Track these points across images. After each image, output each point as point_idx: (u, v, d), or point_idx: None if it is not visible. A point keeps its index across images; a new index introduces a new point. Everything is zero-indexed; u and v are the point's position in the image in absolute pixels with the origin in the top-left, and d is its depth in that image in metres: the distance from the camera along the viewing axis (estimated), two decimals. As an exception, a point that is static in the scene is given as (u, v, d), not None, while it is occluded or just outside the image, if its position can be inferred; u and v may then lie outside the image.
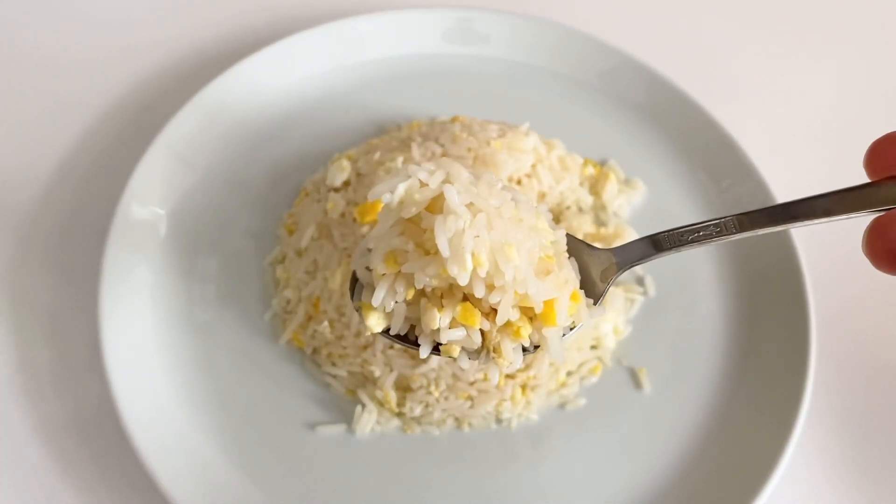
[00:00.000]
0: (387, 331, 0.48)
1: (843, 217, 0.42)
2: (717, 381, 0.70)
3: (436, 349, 0.47)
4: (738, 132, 0.80)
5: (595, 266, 0.51)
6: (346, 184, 0.72)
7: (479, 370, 0.64)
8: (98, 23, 0.89)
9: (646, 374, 0.71)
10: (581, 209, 0.77)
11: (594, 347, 0.71)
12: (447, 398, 0.65)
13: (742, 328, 0.73)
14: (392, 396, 0.66)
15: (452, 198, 0.43)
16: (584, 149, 0.81)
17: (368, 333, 0.57)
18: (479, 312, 0.46)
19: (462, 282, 0.43)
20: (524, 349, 0.48)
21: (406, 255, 0.45)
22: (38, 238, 0.75)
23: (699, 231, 0.47)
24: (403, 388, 0.66)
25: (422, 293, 0.46)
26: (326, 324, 0.67)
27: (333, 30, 0.82)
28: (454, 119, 0.78)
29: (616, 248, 0.51)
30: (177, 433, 0.63)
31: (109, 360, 0.63)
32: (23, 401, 0.67)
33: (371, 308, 0.47)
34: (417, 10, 0.85)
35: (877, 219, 0.40)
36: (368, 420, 0.66)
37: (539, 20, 0.85)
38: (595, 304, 0.50)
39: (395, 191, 0.46)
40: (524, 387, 0.67)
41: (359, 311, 0.48)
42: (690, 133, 0.82)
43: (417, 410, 0.66)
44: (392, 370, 0.65)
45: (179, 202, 0.73)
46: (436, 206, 0.45)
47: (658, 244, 0.49)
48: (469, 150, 0.69)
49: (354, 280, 0.50)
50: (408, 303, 0.47)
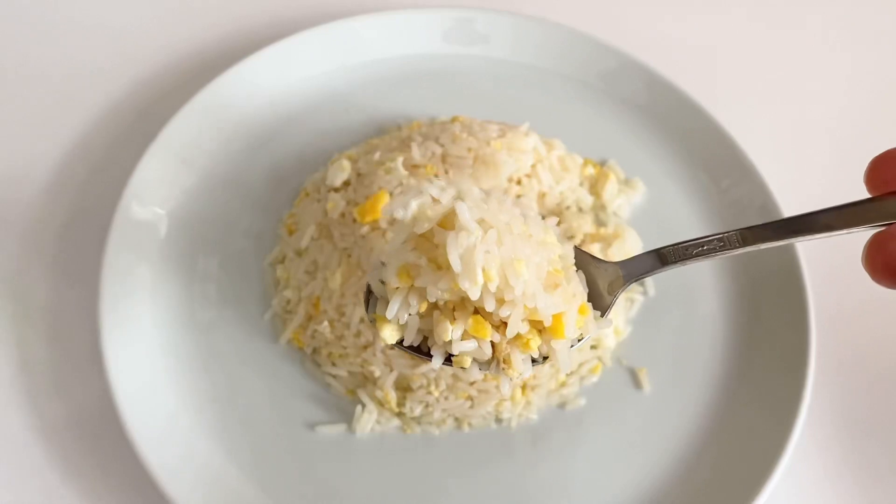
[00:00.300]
0: (400, 342, 0.50)
1: (844, 232, 0.43)
2: (717, 381, 0.71)
3: (448, 360, 0.49)
4: (738, 132, 0.80)
5: (602, 279, 0.52)
6: (346, 184, 0.72)
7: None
8: (98, 23, 0.89)
9: (646, 374, 0.71)
10: (581, 209, 0.77)
11: (594, 347, 0.71)
12: (447, 398, 0.65)
13: (742, 328, 0.73)
14: (392, 396, 0.66)
15: (464, 214, 0.45)
16: (584, 149, 0.81)
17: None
18: (490, 325, 0.47)
19: (473, 296, 0.45)
20: (533, 360, 0.49)
21: (419, 270, 0.47)
22: (38, 238, 0.75)
23: (703, 245, 0.49)
24: (403, 388, 0.67)
25: (434, 306, 0.48)
26: (326, 324, 0.67)
27: (333, 30, 0.82)
28: (454, 119, 0.78)
29: (623, 262, 0.52)
30: (177, 433, 0.63)
31: (109, 360, 0.63)
32: (23, 401, 0.67)
33: (385, 320, 0.48)
34: (418, 10, 0.85)
35: (876, 234, 0.40)
36: (368, 420, 0.66)
37: (539, 20, 0.85)
38: (602, 316, 0.51)
39: (409, 207, 0.48)
40: (524, 387, 0.67)
41: (373, 323, 0.50)
42: (690, 133, 0.82)
43: (417, 410, 0.66)
44: (392, 370, 0.65)
45: (179, 202, 0.73)
46: (448, 222, 0.46)
47: (664, 258, 0.51)
48: (469, 150, 0.69)
49: (369, 293, 0.51)
50: (421, 315, 0.48)
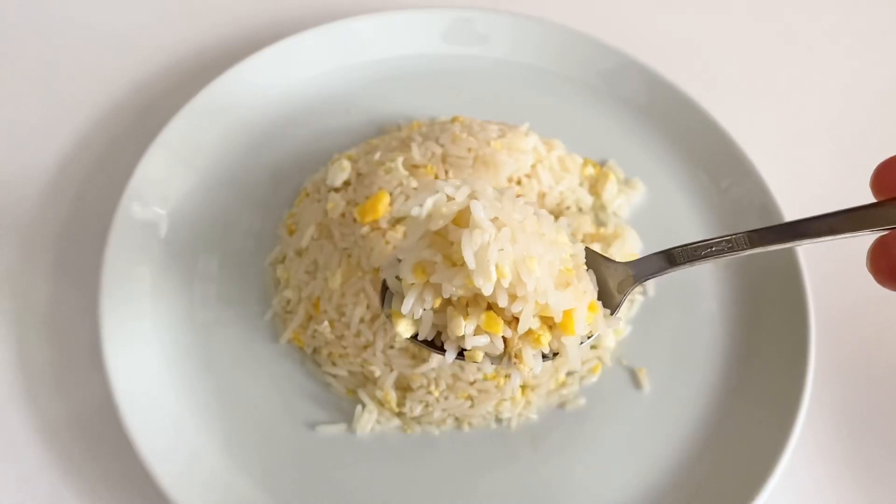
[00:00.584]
0: (415, 336, 0.51)
1: (849, 235, 0.44)
2: (717, 381, 0.71)
3: (460, 354, 0.50)
4: (738, 132, 0.80)
5: (612, 278, 0.53)
6: (347, 184, 0.72)
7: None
8: (98, 23, 0.89)
9: (645, 374, 0.71)
10: (581, 209, 0.77)
11: (594, 347, 0.71)
12: (447, 398, 0.66)
13: (742, 328, 0.73)
14: (392, 396, 0.66)
15: (479, 213, 0.46)
16: (584, 149, 0.81)
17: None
18: (502, 321, 0.48)
19: (486, 292, 0.46)
20: (544, 356, 0.50)
21: (434, 267, 0.48)
22: (38, 238, 0.75)
23: (712, 247, 0.50)
24: (403, 388, 0.67)
25: (448, 302, 0.49)
26: (326, 324, 0.67)
27: (333, 30, 0.82)
28: (454, 119, 0.78)
29: (632, 262, 0.53)
30: (177, 433, 0.63)
31: (109, 360, 0.63)
32: (23, 401, 0.67)
33: (400, 315, 0.50)
34: (418, 11, 0.85)
35: (880, 237, 0.41)
36: (368, 420, 0.66)
37: (539, 20, 0.85)
38: (612, 314, 0.52)
39: (424, 204, 0.48)
40: (524, 386, 0.67)
41: (389, 318, 0.51)
42: (690, 133, 0.82)
43: (417, 410, 0.66)
44: (392, 370, 0.66)
45: (179, 202, 0.73)
46: (462, 220, 0.47)
47: (673, 258, 0.52)
48: (469, 151, 0.69)
49: (385, 289, 0.52)
50: (435, 311, 0.49)
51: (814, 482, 0.70)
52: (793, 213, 0.69)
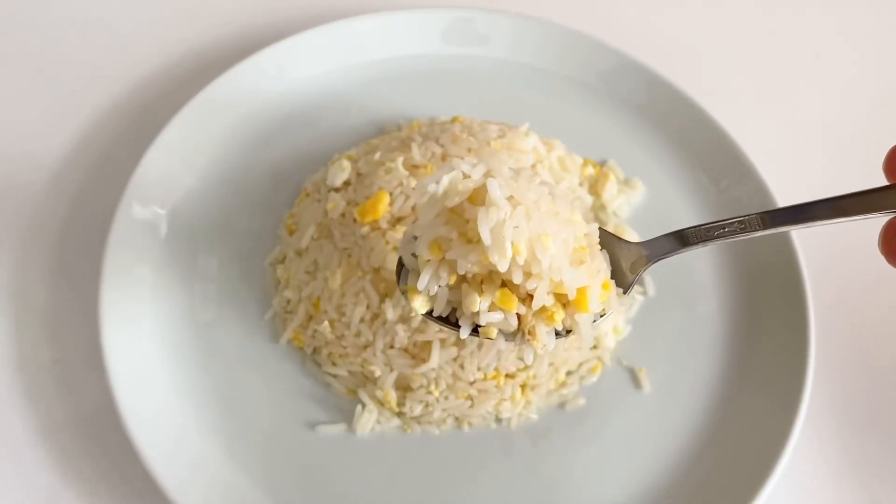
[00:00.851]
0: (430, 313, 0.52)
1: (860, 217, 0.44)
2: (717, 381, 0.71)
3: (475, 331, 0.51)
4: (738, 132, 0.80)
5: (625, 258, 0.54)
6: (347, 184, 0.72)
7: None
8: (98, 23, 0.89)
9: (645, 374, 0.71)
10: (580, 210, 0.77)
11: (594, 347, 0.71)
12: (447, 398, 0.66)
13: (742, 328, 0.73)
14: (392, 396, 0.66)
15: (495, 191, 0.46)
16: (584, 149, 0.81)
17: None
18: (517, 298, 0.49)
19: (502, 269, 0.46)
20: (557, 333, 0.51)
21: (450, 243, 0.48)
22: (38, 238, 0.75)
23: (724, 227, 0.50)
24: (403, 388, 0.67)
25: (463, 279, 0.50)
26: (327, 324, 0.67)
27: (333, 30, 0.82)
28: (454, 119, 0.78)
29: (645, 242, 0.54)
30: (177, 433, 0.63)
31: (109, 360, 0.63)
32: (23, 401, 0.67)
33: (416, 291, 0.51)
34: (417, 11, 0.85)
35: (892, 219, 0.42)
36: (368, 420, 0.66)
37: (539, 21, 0.85)
38: (625, 294, 0.53)
39: (441, 182, 0.49)
40: (524, 386, 0.67)
41: (405, 294, 0.52)
42: (690, 133, 0.82)
43: (417, 410, 0.66)
44: (392, 370, 0.66)
45: (180, 202, 0.73)
46: (478, 198, 0.48)
47: (685, 239, 0.52)
48: (469, 151, 0.69)
49: (401, 266, 0.53)
50: (450, 287, 0.50)
51: (814, 481, 0.70)
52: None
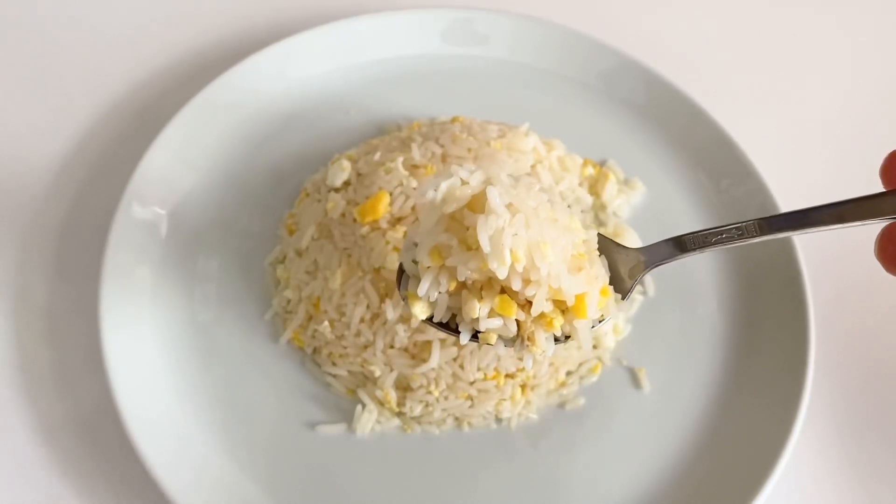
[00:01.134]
0: (430, 318, 0.52)
1: (858, 224, 0.44)
2: (717, 381, 0.71)
3: (475, 337, 0.51)
4: (738, 132, 0.80)
5: (623, 264, 0.54)
6: (347, 184, 0.72)
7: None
8: (98, 23, 0.89)
9: (645, 374, 0.71)
10: (581, 209, 0.77)
11: (594, 347, 0.71)
12: (447, 398, 0.66)
13: (741, 328, 0.73)
14: (392, 396, 0.66)
15: (494, 198, 0.47)
16: (584, 149, 0.81)
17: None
18: (516, 304, 0.49)
19: (501, 276, 0.47)
20: (556, 339, 0.51)
21: (450, 250, 0.49)
22: (38, 238, 0.75)
23: (723, 234, 0.50)
24: (403, 388, 0.67)
25: (463, 285, 0.50)
26: (327, 324, 0.67)
27: (333, 30, 0.82)
28: (454, 119, 0.78)
29: (643, 248, 0.54)
30: (177, 433, 0.63)
31: (109, 360, 0.63)
32: (23, 401, 0.67)
33: (416, 297, 0.51)
34: (417, 11, 0.85)
35: (889, 225, 0.42)
36: (368, 420, 0.66)
37: (539, 21, 0.85)
38: (623, 299, 0.54)
39: (439, 188, 0.49)
40: (524, 386, 0.67)
41: (405, 300, 0.53)
42: (690, 133, 0.82)
43: (417, 410, 0.66)
44: (392, 370, 0.66)
45: (180, 202, 0.73)
46: (477, 205, 0.48)
47: (683, 245, 0.52)
48: (469, 151, 0.69)
49: (401, 272, 0.53)
50: (450, 293, 0.51)
51: (814, 481, 0.70)
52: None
